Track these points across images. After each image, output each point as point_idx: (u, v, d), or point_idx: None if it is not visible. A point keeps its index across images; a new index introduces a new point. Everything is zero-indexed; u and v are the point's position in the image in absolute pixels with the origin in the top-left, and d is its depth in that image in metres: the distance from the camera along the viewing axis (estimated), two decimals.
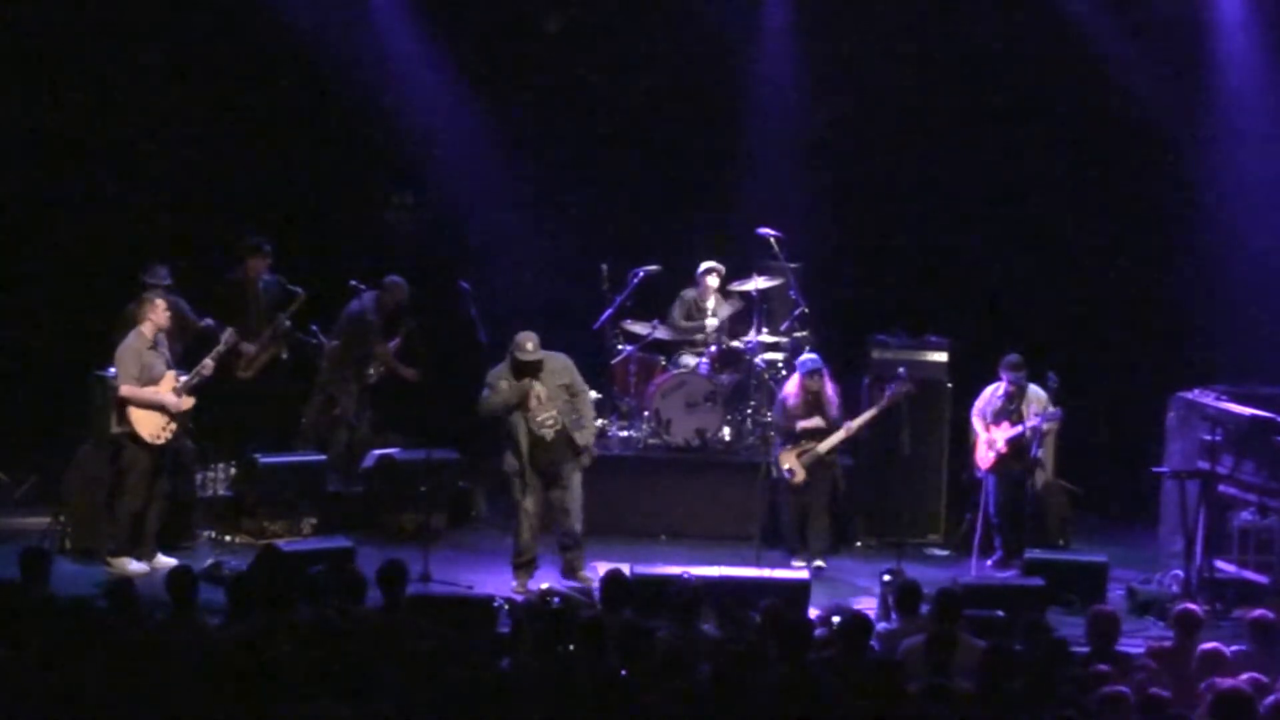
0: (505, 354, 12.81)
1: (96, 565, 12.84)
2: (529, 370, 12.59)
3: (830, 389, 13.91)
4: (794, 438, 13.80)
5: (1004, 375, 13.78)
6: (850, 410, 14.10)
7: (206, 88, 16.23)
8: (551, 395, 12.53)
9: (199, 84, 16.19)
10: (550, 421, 12.49)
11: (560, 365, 12.70)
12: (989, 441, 13.82)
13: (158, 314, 13.04)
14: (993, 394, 13.88)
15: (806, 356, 14.05)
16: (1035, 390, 13.76)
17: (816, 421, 13.71)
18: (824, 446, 13.76)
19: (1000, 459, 13.80)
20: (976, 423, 13.96)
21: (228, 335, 13.35)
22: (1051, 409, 13.64)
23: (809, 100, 16.50)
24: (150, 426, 12.91)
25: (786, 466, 13.77)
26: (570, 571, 12.86)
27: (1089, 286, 16.55)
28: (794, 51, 16.48)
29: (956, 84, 16.35)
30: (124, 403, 12.83)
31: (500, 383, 12.53)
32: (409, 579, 10.12)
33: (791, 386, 13.99)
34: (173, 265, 14.12)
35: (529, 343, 12.49)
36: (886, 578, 11.95)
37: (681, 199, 16.67)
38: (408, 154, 16.63)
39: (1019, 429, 13.70)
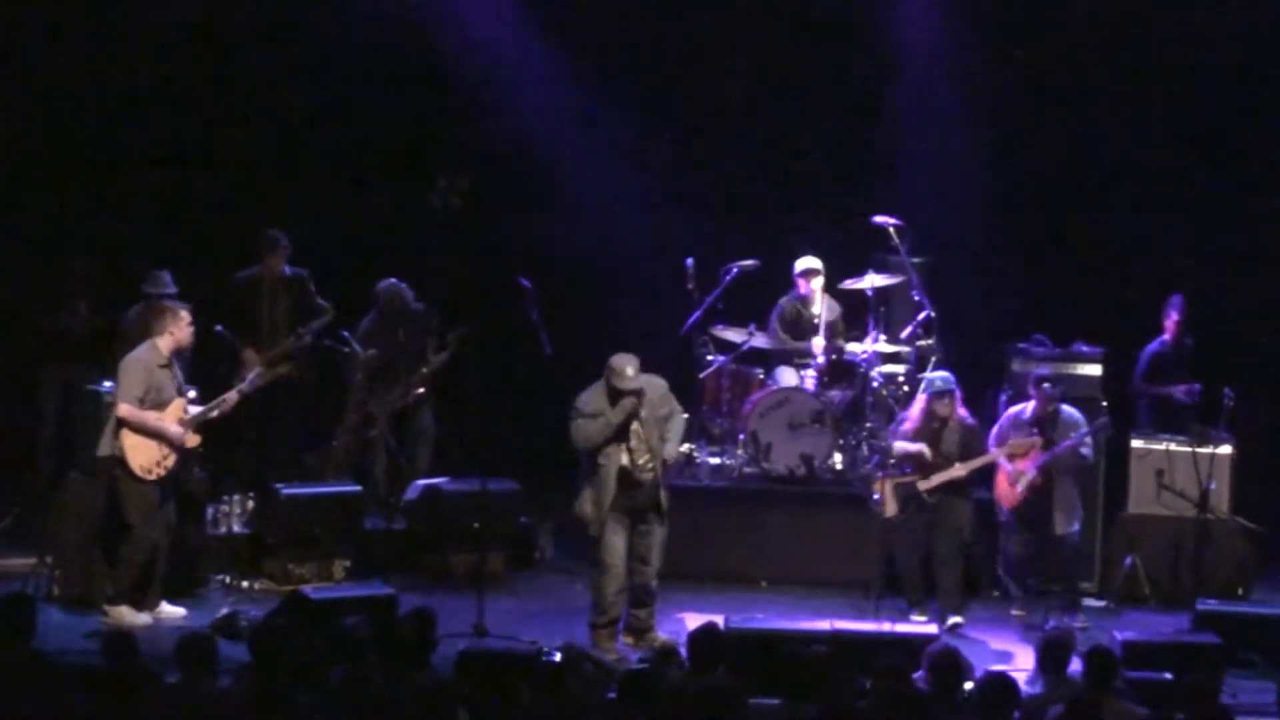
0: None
1: (91, 615, 12.17)
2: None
3: (964, 415, 12.86)
4: (894, 463, 12.90)
5: (1034, 393, 12.91)
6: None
7: (207, 50, 15.80)
8: (650, 432, 11.89)
9: (197, 47, 15.78)
10: (651, 465, 11.87)
11: (659, 394, 12.03)
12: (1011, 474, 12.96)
13: (180, 328, 12.14)
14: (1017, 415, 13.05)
15: (935, 374, 13.04)
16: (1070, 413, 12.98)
17: (919, 448, 12.70)
18: (925, 484, 12.74)
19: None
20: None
21: (254, 376, 12.70)
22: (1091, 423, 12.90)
23: (947, 70, 15.82)
24: (143, 457, 12.00)
25: (877, 494, 12.88)
26: (635, 633, 12.04)
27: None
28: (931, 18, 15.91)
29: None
30: (121, 424, 11.95)
31: (597, 411, 11.79)
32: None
33: (915, 409, 13.01)
34: (175, 269, 13.66)
35: (629, 367, 11.78)
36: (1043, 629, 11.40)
37: (784, 183, 16.12)
38: (461, 128, 15.97)
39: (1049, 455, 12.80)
